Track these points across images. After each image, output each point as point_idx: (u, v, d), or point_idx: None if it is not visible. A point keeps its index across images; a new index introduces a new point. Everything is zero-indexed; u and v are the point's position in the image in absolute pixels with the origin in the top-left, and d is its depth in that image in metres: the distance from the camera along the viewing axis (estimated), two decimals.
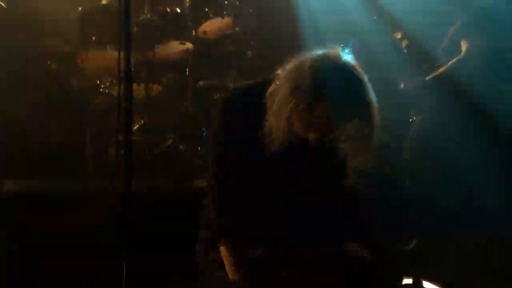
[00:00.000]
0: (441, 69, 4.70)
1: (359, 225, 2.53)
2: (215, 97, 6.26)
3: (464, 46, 4.58)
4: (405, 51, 4.95)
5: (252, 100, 2.42)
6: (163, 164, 5.78)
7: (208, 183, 2.57)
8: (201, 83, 6.60)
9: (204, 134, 6.04)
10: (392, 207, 2.48)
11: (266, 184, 2.42)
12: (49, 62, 5.72)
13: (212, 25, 6.30)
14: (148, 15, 6.03)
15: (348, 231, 2.49)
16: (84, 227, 4.33)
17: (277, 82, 2.35)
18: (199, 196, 2.75)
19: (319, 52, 2.32)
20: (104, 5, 6.00)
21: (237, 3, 6.07)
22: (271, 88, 2.39)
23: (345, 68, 2.26)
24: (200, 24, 6.21)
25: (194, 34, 6.23)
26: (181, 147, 5.96)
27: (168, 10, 6.19)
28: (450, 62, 4.65)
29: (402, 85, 4.97)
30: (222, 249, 2.45)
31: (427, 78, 4.82)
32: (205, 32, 6.31)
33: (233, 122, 2.44)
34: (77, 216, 4.56)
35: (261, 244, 2.44)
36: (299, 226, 2.44)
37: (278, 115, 2.29)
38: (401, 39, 4.94)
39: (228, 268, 2.42)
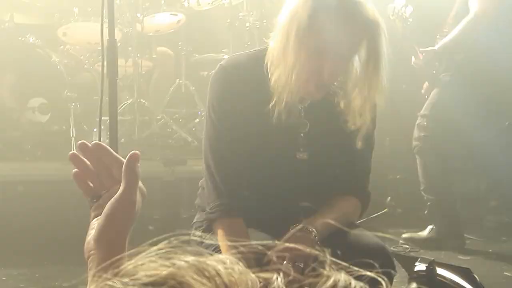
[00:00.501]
0: (451, 36, 4.51)
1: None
2: (206, 72, 6.06)
3: (473, 8, 4.39)
4: (409, 20, 4.73)
5: (251, 68, 2.34)
6: (153, 146, 5.57)
7: (206, 160, 2.39)
8: (196, 56, 6.40)
9: (199, 113, 5.87)
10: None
11: (269, 157, 2.37)
12: (28, 36, 5.44)
13: None
14: None
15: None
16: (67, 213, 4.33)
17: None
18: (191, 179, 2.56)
19: None
20: None
21: None
22: (270, 52, 2.28)
23: None
24: None
25: (186, 4, 5.91)
26: (174, 127, 5.76)
27: None
28: (460, 26, 4.45)
29: (412, 59, 4.77)
30: (220, 231, 2.31)
31: (437, 48, 4.65)
32: (198, 1, 6.02)
33: (233, 91, 2.33)
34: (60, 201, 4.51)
35: (260, 227, 2.36)
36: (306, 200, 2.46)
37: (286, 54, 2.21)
38: (404, 6, 4.73)
39: (225, 252, 2.21)
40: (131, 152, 1.20)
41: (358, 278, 0.73)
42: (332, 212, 2.34)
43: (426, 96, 4.76)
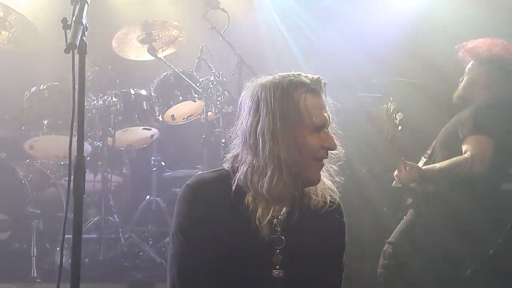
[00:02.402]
0: (441, 165, 4.55)
1: None
2: (179, 189, 6.08)
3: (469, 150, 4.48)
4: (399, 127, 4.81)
5: (218, 187, 2.40)
6: (119, 267, 5.49)
7: (172, 282, 2.38)
8: (168, 172, 6.46)
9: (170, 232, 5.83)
10: None
11: (244, 275, 2.37)
12: None
13: (182, 109, 6.14)
14: (111, 97, 5.83)
15: None
16: None
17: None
18: None
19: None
20: (55, 85, 5.81)
21: (210, 86, 5.93)
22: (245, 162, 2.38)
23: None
24: (168, 107, 6.01)
25: (160, 118, 6.02)
26: (142, 246, 5.70)
27: (132, 92, 6.02)
28: (452, 162, 4.51)
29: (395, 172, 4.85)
30: None
31: (423, 167, 4.71)
32: (173, 116, 6.14)
33: (200, 210, 2.37)
34: None
35: None
36: None
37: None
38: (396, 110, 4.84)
39: None
40: None
41: None
42: None
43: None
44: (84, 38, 2.45)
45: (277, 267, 2.40)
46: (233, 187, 2.37)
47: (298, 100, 2.34)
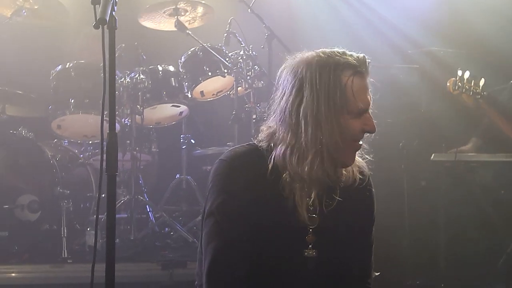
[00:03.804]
0: None
1: None
2: (210, 167, 6.11)
3: None
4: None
5: (253, 161, 2.40)
6: (151, 246, 5.55)
7: (207, 260, 2.38)
8: (198, 150, 6.48)
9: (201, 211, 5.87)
10: None
11: (276, 255, 2.40)
12: (20, 129, 5.50)
13: (211, 85, 6.14)
14: (138, 74, 5.84)
15: None
16: None
17: None
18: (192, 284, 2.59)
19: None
20: (83, 63, 5.84)
21: (240, 60, 5.92)
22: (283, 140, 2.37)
23: None
24: (197, 84, 6.02)
25: (189, 95, 6.03)
26: (173, 226, 5.75)
27: (160, 68, 6.03)
28: None
29: None
30: None
31: None
32: (202, 93, 6.15)
33: (236, 185, 2.37)
34: None
35: None
36: None
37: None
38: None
39: None
40: None
41: None
42: None
43: None
44: (113, 13, 2.45)
45: (310, 246, 2.41)
46: (270, 166, 2.36)
47: (345, 84, 2.30)
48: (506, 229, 5.08)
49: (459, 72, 4.89)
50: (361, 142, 2.39)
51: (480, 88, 4.89)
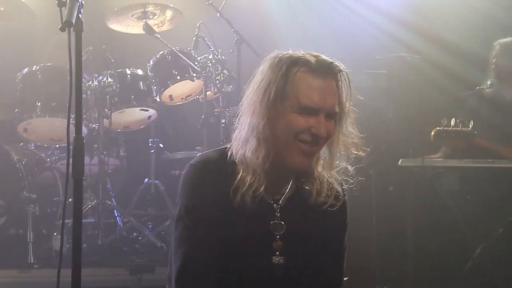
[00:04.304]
0: None
1: None
2: (178, 172, 6.11)
3: None
4: None
5: (222, 166, 2.38)
6: (118, 251, 5.52)
7: (175, 264, 2.38)
8: (167, 154, 6.45)
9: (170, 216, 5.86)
10: None
11: (243, 261, 2.39)
12: None
13: (180, 89, 6.12)
14: (106, 78, 5.80)
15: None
16: None
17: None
18: None
19: None
20: (50, 65, 5.79)
21: (209, 64, 5.92)
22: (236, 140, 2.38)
23: None
24: (165, 87, 6.00)
25: (158, 99, 6.01)
26: (141, 231, 5.72)
27: (129, 72, 5.99)
28: None
29: None
30: None
31: None
32: (171, 97, 6.13)
33: (205, 191, 2.37)
34: None
35: None
36: None
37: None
38: None
39: None
40: None
41: None
42: None
43: None
44: (80, 15, 2.43)
45: (277, 253, 2.41)
46: (236, 169, 2.36)
47: (289, 76, 2.30)
48: (472, 234, 5.14)
49: (444, 121, 4.88)
50: (313, 148, 2.33)
51: (470, 128, 4.88)
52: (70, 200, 2.48)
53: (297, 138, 2.30)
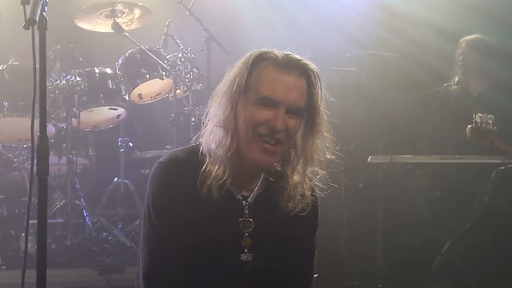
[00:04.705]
0: None
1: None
2: (148, 171, 6.07)
3: None
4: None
5: (191, 164, 2.37)
6: (88, 252, 5.48)
7: (143, 263, 2.38)
8: (136, 153, 6.42)
9: (139, 215, 5.83)
10: None
11: (212, 259, 2.38)
12: None
13: (149, 87, 6.08)
14: (75, 77, 5.75)
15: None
16: None
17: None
18: None
19: None
20: (17, 65, 5.72)
21: (178, 63, 5.89)
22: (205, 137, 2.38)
23: None
24: (134, 86, 5.96)
25: (127, 98, 5.97)
26: (111, 230, 5.68)
27: (97, 71, 5.94)
28: None
29: None
30: None
31: None
32: (140, 95, 6.09)
33: (173, 189, 2.36)
34: None
35: None
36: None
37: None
38: None
39: None
40: None
41: None
42: None
43: None
44: (44, 13, 2.41)
45: (245, 250, 2.41)
46: (198, 164, 2.37)
47: (254, 69, 2.31)
48: (441, 230, 5.18)
49: (478, 118, 4.89)
50: (274, 147, 2.31)
51: (491, 124, 4.91)
52: (35, 200, 2.45)
53: (256, 132, 2.30)
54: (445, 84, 5.53)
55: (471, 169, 5.17)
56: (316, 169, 2.46)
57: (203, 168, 2.34)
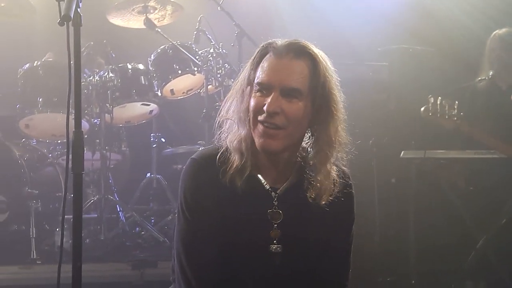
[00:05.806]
0: None
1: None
2: (180, 166, 6.09)
3: None
4: None
5: (218, 160, 2.40)
6: (121, 246, 5.52)
7: (178, 256, 2.42)
8: (169, 149, 6.44)
9: (172, 210, 5.86)
10: None
11: (242, 251, 2.40)
12: None
13: (181, 83, 6.10)
14: (108, 73, 5.78)
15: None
16: None
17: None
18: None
19: None
20: (49, 61, 5.77)
21: (210, 58, 5.89)
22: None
23: None
24: (167, 82, 5.97)
25: (159, 93, 5.98)
26: (144, 225, 5.71)
27: (130, 67, 5.97)
28: None
29: None
30: None
31: None
32: (172, 91, 6.10)
33: (205, 184, 2.40)
34: None
35: None
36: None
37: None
38: None
39: None
40: None
41: None
42: None
43: None
44: (78, 9, 2.42)
45: (274, 241, 2.41)
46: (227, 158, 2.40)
47: (260, 61, 2.36)
48: (475, 225, 5.12)
49: (431, 99, 4.92)
50: (272, 131, 2.31)
51: (456, 110, 4.90)
52: (70, 196, 2.47)
53: (258, 120, 2.32)
54: (478, 79, 5.46)
55: (506, 164, 5.10)
56: (345, 155, 2.44)
57: (229, 162, 2.37)
